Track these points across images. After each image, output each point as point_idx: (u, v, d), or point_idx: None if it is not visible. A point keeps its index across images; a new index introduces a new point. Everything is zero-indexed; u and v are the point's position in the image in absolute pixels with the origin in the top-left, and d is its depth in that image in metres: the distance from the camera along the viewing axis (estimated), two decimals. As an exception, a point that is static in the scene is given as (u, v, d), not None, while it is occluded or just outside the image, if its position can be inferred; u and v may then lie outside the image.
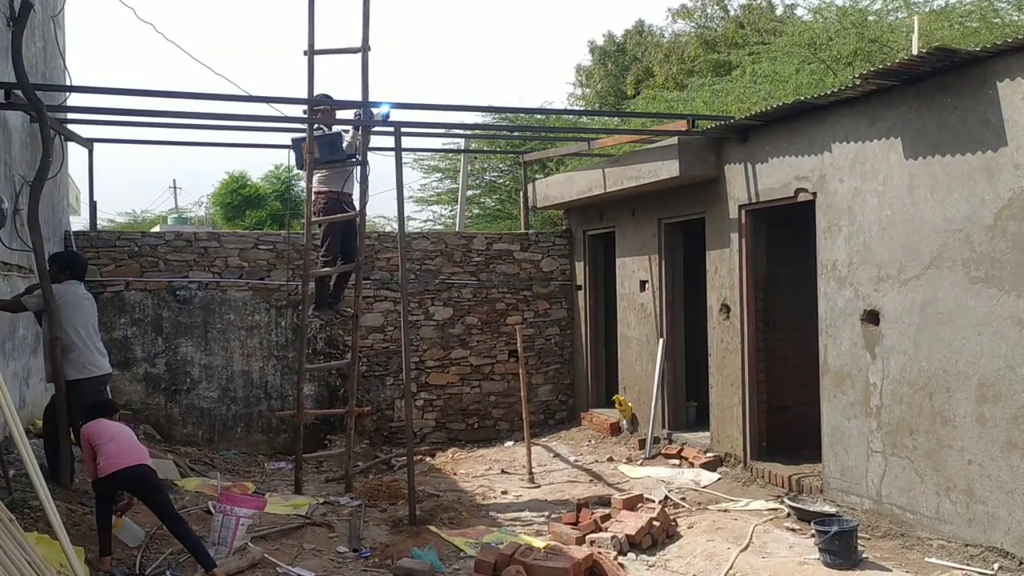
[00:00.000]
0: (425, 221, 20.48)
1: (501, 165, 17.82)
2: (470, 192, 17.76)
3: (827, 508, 6.56)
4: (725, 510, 6.94)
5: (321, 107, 7.62)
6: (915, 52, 8.12)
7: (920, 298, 5.94)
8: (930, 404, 5.87)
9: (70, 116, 8.29)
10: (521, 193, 11.95)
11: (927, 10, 12.94)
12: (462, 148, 15.62)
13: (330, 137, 7.63)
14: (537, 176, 12.65)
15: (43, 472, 5.21)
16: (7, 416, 4.74)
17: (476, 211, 18.70)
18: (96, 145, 9.77)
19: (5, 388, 4.81)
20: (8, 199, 6.94)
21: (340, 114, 8.04)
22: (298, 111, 7.86)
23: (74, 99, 8.30)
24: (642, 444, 9.19)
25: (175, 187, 30.38)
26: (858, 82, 6.17)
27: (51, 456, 6.29)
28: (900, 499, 6.12)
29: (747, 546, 5.98)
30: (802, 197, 7.14)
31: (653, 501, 6.95)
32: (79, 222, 11.71)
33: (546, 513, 7.27)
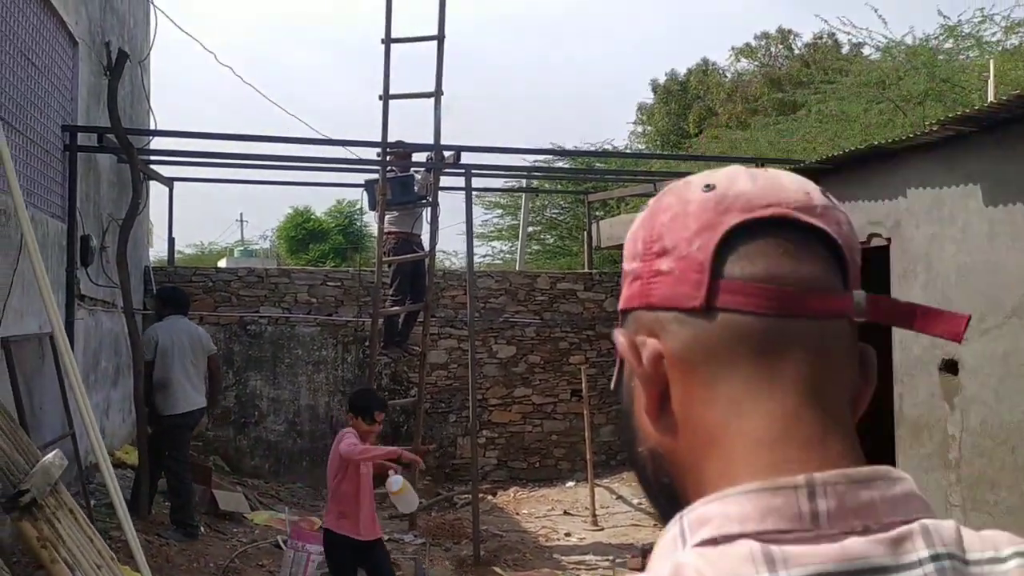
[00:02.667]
0: (483, 256, 20.66)
1: (562, 202, 17.91)
2: (530, 228, 17.87)
3: (903, 563, 6.37)
4: (795, 561, 6.79)
5: (395, 150, 7.81)
6: (991, 94, 8.02)
7: (1002, 348, 5.78)
8: (1012, 458, 5.68)
9: (153, 157, 8.63)
10: (585, 232, 11.99)
11: (999, 49, 12.71)
12: (525, 187, 15.77)
13: (402, 179, 7.80)
14: (597, 213, 12.70)
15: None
16: (94, 445, 4.91)
17: (536, 247, 18.79)
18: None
19: (94, 419, 4.99)
20: (95, 236, 7.25)
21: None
22: (372, 153, 8.06)
23: (157, 141, 8.65)
24: (707, 489, 9.05)
25: (242, 220, 31.29)
26: (935, 128, 6.09)
27: (136, 486, 6.47)
28: (981, 556, 5.91)
29: (820, 600, 5.83)
30: (875, 242, 7.04)
31: (721, 549, 6.84)
32: (152, 254, 12.12)
33: (610, 557, 7.21)
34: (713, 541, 0.58)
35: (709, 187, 0.67)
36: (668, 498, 0.68)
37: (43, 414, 5.28)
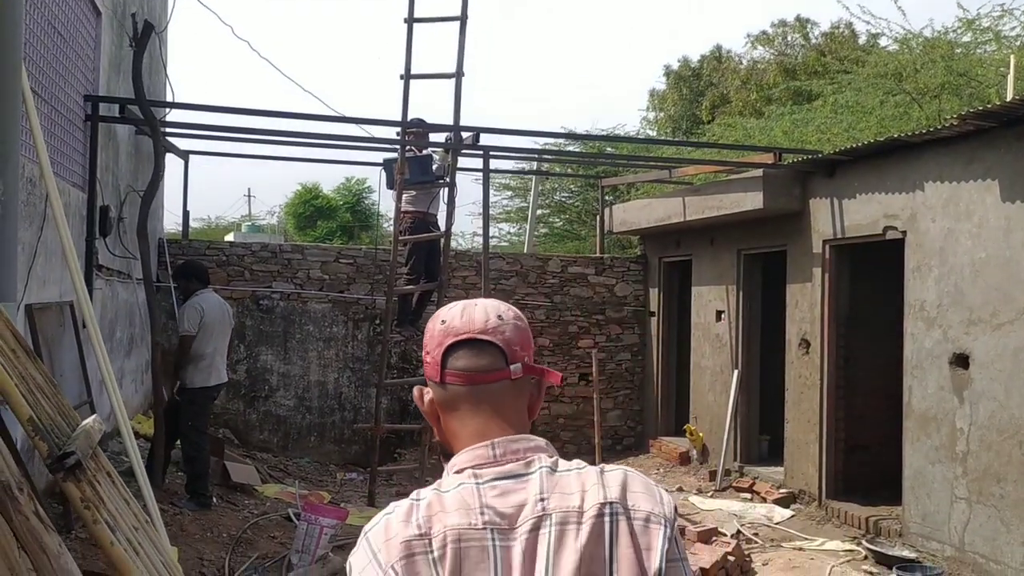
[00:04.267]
0: (490, 238, 20.56)
1: (572, 186, 17.90)
2: (538, 211, 17.86)
3: (907, 553, 6.44)
4: (800, 548, 6.87)
5: (414, 129, 7.82)
6: (1011, 90, 8.00)
7: (1013, 344, 5.82)
8: (1020, 453, 5.74)
9: (169, 130, 8.65)
10: (598, 217, 12.01)
11: (1018, 44, 12.64)
12: (538, 170, 15.76)
13: (421, 159, 7.82)
14: (607, 198, 12.71)
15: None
16: (117, 413, 4.97)
17: (543, 230, 18.78)
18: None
19: (117, 387, 5.04)
20: (113, 207, 7.29)
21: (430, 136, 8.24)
22: (391, 132, 8.06)
23: (175, 113, 8.66)
24: (712, 475, 9.13)
25: (249, 196, 31.27)
26: (955, 122, 6.10)
27: (150, 455, 6.54)
28: (984, 548, 5.98)
29: (825, 587, 5.91)
30: (890, 235, 7.06)
31: (726, 535, 6.91)
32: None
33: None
34: (457, 473, 1.33)
35: (443, 322, 1.41)
36: (447, 459, 1.39)
37: (62, 381, 5.32)
